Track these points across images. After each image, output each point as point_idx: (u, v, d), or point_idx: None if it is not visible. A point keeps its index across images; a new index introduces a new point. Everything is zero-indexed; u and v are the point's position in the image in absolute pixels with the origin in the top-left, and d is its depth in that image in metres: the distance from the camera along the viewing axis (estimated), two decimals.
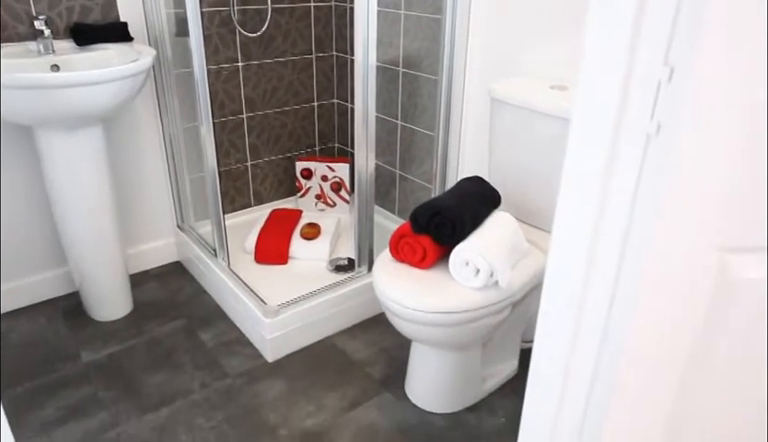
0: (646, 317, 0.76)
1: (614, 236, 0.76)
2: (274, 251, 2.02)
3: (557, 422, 0.92)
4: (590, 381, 0.86)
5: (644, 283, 0.74)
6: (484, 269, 1.28)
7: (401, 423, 1.50)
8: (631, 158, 0.73)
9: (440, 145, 1.91)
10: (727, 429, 0.87)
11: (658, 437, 0.86)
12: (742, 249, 0.74)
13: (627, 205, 0.74)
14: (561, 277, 0.84)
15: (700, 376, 0.81)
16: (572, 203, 0.80)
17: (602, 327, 0.81)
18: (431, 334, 1.35)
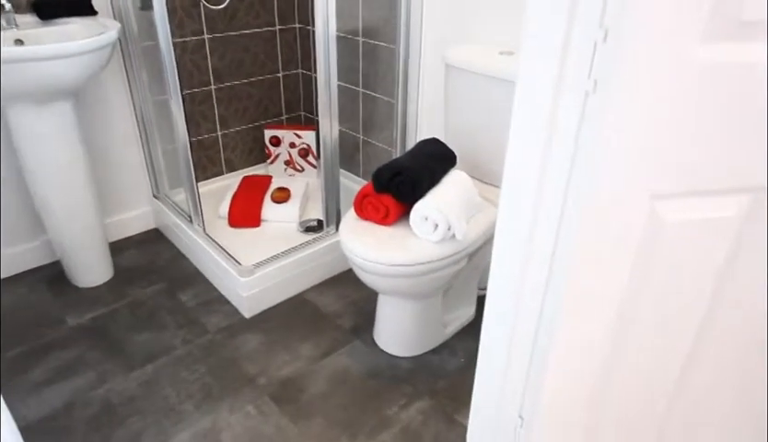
0: (587, 253, 0.77)
1: (558, 183, 0.77)
2: (247, 215, 1.98)
3: (511, 344, 0.94)
4: (539, 308, 0.88)
5: (584, 224, 0.74)
6: (442, 224, 1.29)
7: (370, 366, 1.52)
8: (571, 114, 0.73)
9: (400, 110, 1.89)
10: (662, 340, 0.91)
11: (603, 349, 0.89)
12: (670, 195, 0.75)
13: (568, 156, 0.75)
14: (512, 218, 0.85)
15: (635, 301, 0.84)
16: (519, 156, 0.80)
17: (549, 262, 0.82)
18: (395, 285, 1.36)
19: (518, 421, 0.98)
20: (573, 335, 0.84)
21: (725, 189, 0.76)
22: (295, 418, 1.36)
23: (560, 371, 0.88)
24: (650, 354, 0.90)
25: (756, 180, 0.76)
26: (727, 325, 0.89)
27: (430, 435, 1.32)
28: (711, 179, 0.75)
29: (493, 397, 1.00)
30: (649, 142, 0.70)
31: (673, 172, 0.73)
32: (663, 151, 0.71)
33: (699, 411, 0.99)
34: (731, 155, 0.73)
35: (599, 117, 0.69)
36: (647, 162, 0.72)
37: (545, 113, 0.74)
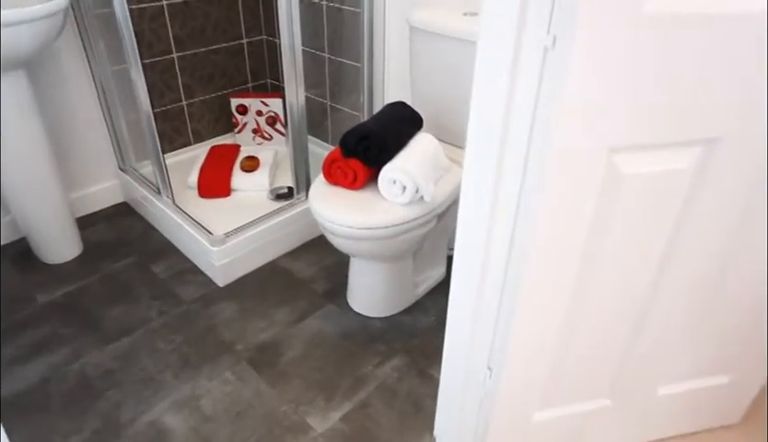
0: (550, 205, 0.78)
1: (520, 139, 0.76)
2: (217, 185, 1.94)
3: (479, 298, 0.95)
4: (506, 262, 0.89)
5: (546, 178, 0.75)
6: (410, 186, 1.28)
7: (344, 328, 1.53)
8: (532, 70, 0.72)
9: (366, 74, 1.85)
10: (622, 286, 0.93)
11: (567, 298, 0.91)
12: (626, 148, 0.76)
13: (530, 112, 0.74)
14: (477, 175, 0.84)
15: (597, 250, 0.85)
16: (482, 114, 0.79)
17: (513, 216, 0.83)
18: (365, 248, 1.36)
19: (487, 372, 1.01)
20: (538, 287, 0.86)
21: (678, 142, 0.77)
22: (273, 382, 1.37)
23: (526, 321, 0.90)
24: (611, 300, 0.92)
25: (707, 133, 0.77)
26: (681, 270, 0.92)
27: (404, 390, 1.35)
28: (664, 132, 0.75)
29: (462, 350, 1.02)
30: (605, 96, 0.70)
31: (629, 126, 0.73)
32: (619, 105, 0.71)
33: (655, 353, 1.03)
34: (683, 108, 0.74)
35: (558, 73, 0.68)
36: (604, 116, 0.72)
37: (506, 70, 0.73)
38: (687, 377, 1.12)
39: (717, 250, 0.91)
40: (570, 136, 0.72)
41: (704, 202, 0.84)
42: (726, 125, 0.77)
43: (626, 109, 0.72)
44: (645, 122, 0.74)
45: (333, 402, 1.32)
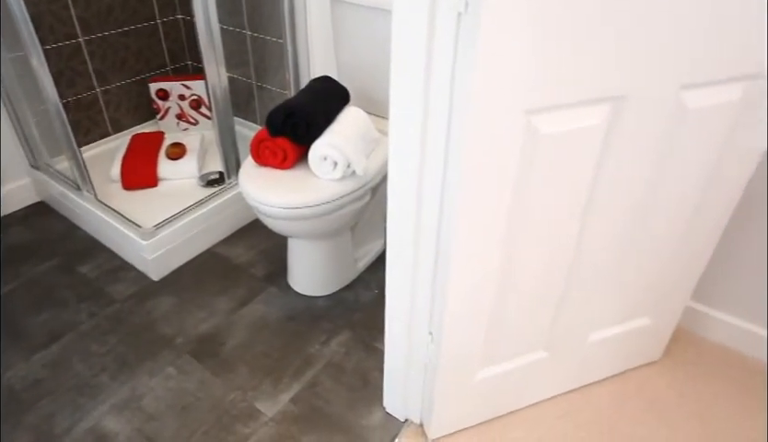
0: (474, 168, 0.78)
1: (441, 105, 0.76)
2: (142, 175, 1.84)
3: (415, 264, 0.96)
4: (437, 227, 0.89)
5: (469, 141, 0.75)
6: (341, 161, 1.26)
7: (288, 310, 1.51)
8: (447, 35, 0.71)
9: (290, 50, 1.79)
10: (548, 241, 0.96)
11: (498, 256, 0.93)
12: (542, 109, 0.77)
13: (448, 78, 0.74)
14: (402, 144, 0.84)
15: (522, 208, 0.87)
16: (402, 83, 0.78)
17: (441, 181, 0.83)
18: (301, 228, 1.33)
19: (429, 337, 1.02)
20: (470, 249, 0.87)
21: (588, 100, 0.79)
22: (217, 371, 1.34)
23: (461, 283, 0.91)
24: (540, 255, 0.95)
25: (614, 91, 0.80)
26: (602, 223, 0.96)
27: (352, 364, 1.35)
28: (576, 92, 0.77)
29: (403, 319, 1.03)
30: (518, 59, 0.71)
31: (543, 88, 0.75)
32: (532, 67, 0.72)
33: (584, 303, 1.09)
34: (591, 68, 0.76)
35: (472, 37, 0.68)
36: (519, 79, 0.72)
37: (423, 37, 0.72)
38: (614, 322, 1.18)
39: (634, 202, 0.95)
40: (488, 100, 0.72)
41: (618, 156, 0.87)
42: (630, 83, 0.80)
43: (539, 70, 0.73)
44: (557, 83, 0.75)
45: (282, 385, 1.30)
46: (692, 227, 1.07)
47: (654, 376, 1.32)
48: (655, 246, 1.06)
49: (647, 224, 1.01)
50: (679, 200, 1.01)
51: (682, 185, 0.98)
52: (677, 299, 1.22)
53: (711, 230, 1.11)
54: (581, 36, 0.72)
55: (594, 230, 0.96)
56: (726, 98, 0.89)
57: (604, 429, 1.20)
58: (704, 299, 1.38)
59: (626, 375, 1.32)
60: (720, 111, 0.90)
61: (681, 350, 1.38)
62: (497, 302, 0.98)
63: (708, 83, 0.86)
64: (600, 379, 1.30)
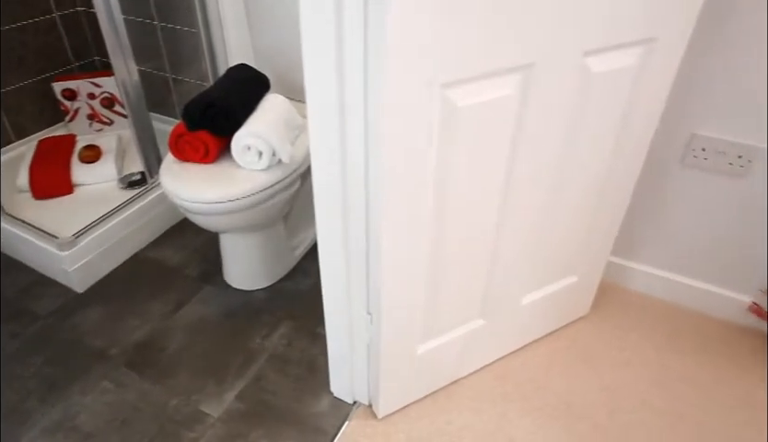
0: (396, 145, 0.78)
1: (356, 83, 0.76)
2: (53, 183, 1.71)
3: (347, 246, 0.96)
4: (364, 205, 0.90)
5: (387, 117, 0.75)
6: (266, 150, 1.23)
7: (226, 308, 1.47)
8: (356, 13, 0.70)
9: (204, 39, 1.71)
10: (475, 211, 0.98)
11: (428, 232, 0.94)
12: (456, 82, 0.78)
13: (361, 56, 0.73)
14: (322, 127, 0.83)
15: (446, 181, 0.88)
16: (315, 65, 0.77)
17: (363, 161, 0.83)
18: (232, 222, 1.30)
19: (368, 318, 1.03)
20: (399, 226, 0.88)
21: (500, 70, 0.81)
22: (157, 379, 1.29)
23: (393, 261, 0.92)
24: (469, 226, 0.98)
25: (523, 59, 0.82)
26: (524, 189, 0.99)
27: (296, 355, 1.34)
28: (487, 62, 0.79)
29: (341, 302, 1.03)
30: (429, 31, 0.71)
31: (456, 60, 0.76)
32: (443, 39, 0.73)
33: (515, 269, 1.13)
34: (500, 37, 0.77)
35: (380, 13, 0.67)
36: (432, 53, 0.73)
37: (331, 15, 0.71)
38: (543, 283, 1.24)
39: (551, 167, 0.99)
40: (403, 75, 0.72)
41: (533, 123, 0.90)
42: (537, 52, 0.82)
43: (450, 43, 0.74)
44: (469, 55, 0.77)
45: (226, 384, 1.27)
46: (605, 188, 1.13)
47: (584, 330, 1.40)
48: (573, 208, 1.12)
49: (565, 188, 1.06)
50: (592, 162, 1.06)
51: (594, 147, 1.03)
52: (599, 256, 1.29)
53: (623, 189, 1.17)
54: (488, 7, 0.73)
55: (517, 198, 0.99)
56: (626, 63, 0.94)
57: (541, 385, 1.26)
58: (623, 254, 1.47)
59: (559, 332, 1.39)
60: (621, 75, 0.95)
61: (607, 303, 1.47)
62: (431, 276, 1.00)
63: (609, 48, 0.90)
64: (536, 339, 1.36)
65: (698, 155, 1.23)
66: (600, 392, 1.25)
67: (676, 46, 0.98)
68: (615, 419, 1.19)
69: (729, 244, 1.32)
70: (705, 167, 1.24)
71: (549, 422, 1.18)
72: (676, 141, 1.25)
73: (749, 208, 1.25)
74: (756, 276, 1.33)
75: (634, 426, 1.18)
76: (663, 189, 1.32)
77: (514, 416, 1.19)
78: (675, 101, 1.20)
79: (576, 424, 1.18)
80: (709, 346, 1.36)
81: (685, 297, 1.45)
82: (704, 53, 1.13)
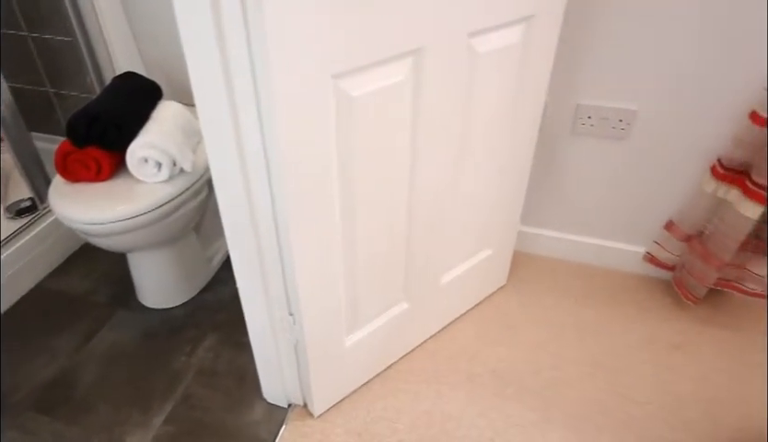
0: (294, 140, 0.77)
1: (245, 83, 0.74)
2: None
3: (259, 248, 0.94)
4: (270, 207, 0.88)
5: (282, 112, 0.74)
6: (165, 160, 1.18)
7: (143, 330, 1.40)
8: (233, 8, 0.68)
9: (85, 49, 1.60)
10: (383, 196, 0.99)
11: (337, 223, 0.94)
12: (347, 72, 0.79)
13: (245, 52, 0.71)
14: (214, 126, 0.80)
15: (349, 171, 0.88)
16: (200, 67, 0.74)
17: (263, 158, 0.81)
18: (137, 240, 1.23)
19: (290, 319, 1.02)
20: (308, 223, 0.87)
21: (391, 56, 0.82)
22: (73, 418, 1.20)
23: (307, 259, 0.91)
24: (380, 214, 0.99)
25: (411, 44, 0.84)
26: (430, 171, 1.02)
27: (224, 366, 1.30)
28: (377, 50, 0.80)
29: (261, 307, 1.01)
30: (313, 23, 0.70)
31: (345, 50, 0.76)
32: (329, 31, 0.72)
33: (431, 249, 1.16)
34: (388, 23, 0.78)
35: (259, 9, 0.66)
36: (319, 45, 0.72)
37: (208, 17, 0.69)
38: (461, 260, 1.28)
39: (453, 149, 1.03)
40: (291, 71, 0.72)
41: (430, 107, 0.93)
42: (424, 36, 0.84)
43: (336, 34, 0.73)
44: (357, 45, 0.77)
45: (152, 410, 1.21)
46: (506, 161, 1.19)
47: (504, 299, 1.47)
48: (478, 184, 1.16)
49: (469, 165, 1.10)
50: (490, 138, 1.11)
51: (491, 123, 1.08)
52: (509, 227, 1.36)
53: (522, 161, 1.24)
54: None
55: (423, 180, 1.02)
56: (509, 41, 0.99)
57: (470, 357, 1.31)
58: (531, 222, 1.56)
59: (482, 304, 1.45)
60: (506, 53, 1.00)
61: (522, 270, 1.55)
62: (348, 268, 1.00)
63: (491, 29, 0.94)
64: (461, 314, 1.41)
65: (585, 122, 1.32)
66: (525, 355, 1.32)
67: (552, 22, 1.04)
68: (540, 377, 1.27)
69: (621, 201, 1.44)
70: (593, 133, 1.33)
71: (481, 391, 1.23)
72: (565, 111, 1.33)
73: (633, 166, 1.36)
74: (648, 228, 1.45)
75: (557, 381, 1.26)
76: (559, 157, 1.41)
77: (447, 391, 1.23)
78: (560, 75, 1.27)
79: (506, 388, 1.24)
80: (616, 297, 1.47)
81: (590, 256, 1.56)
82: (580, 27, 1.21)
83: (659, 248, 1.45)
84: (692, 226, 1.35)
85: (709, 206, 1.30)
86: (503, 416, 1.18)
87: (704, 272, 1.33)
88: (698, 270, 1.34)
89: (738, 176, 1.23)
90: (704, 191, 1.29)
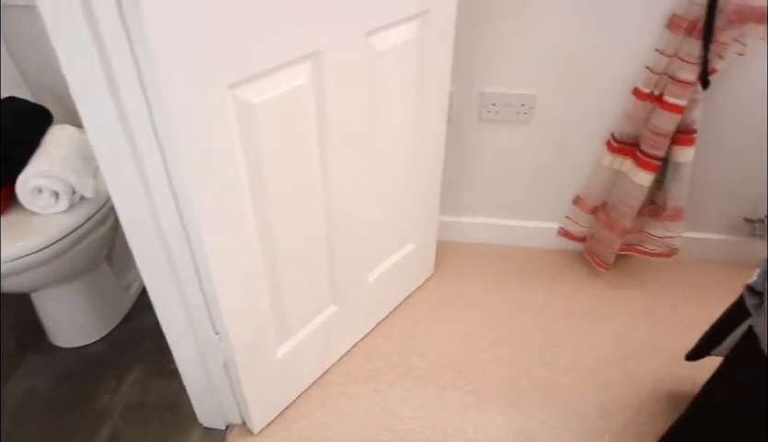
0: (197, 155, 0.75)
1: (136, 101, 0.71)
2: None
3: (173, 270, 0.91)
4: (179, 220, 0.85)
5: (176, 127, 0.71)
6: (62, 189, 1.10)
7: (59, 372, 1.30)
8: (112, 24, 0.65)
9: None
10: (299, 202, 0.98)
11: (253, 233, 0.92)
12: (245, 80, 0.77)
13: (133, 70, 0.68)
14: (107, 146, 0.76)
15: (260, 180, 0.87)
16: (84, 91, 0.70)
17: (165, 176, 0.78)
18: (41, 277, 1.14)
19: (216, 338, 0.99)
20: (223, 240, 0.85)
21: (289, 60, 0.82)
22: None
23: (226, 275, 0.89)
24: (298, 221, 0.98)
25: (309, 47, 0.83)
26: (344, 173, 1.02)
27: (153, 397, 1.24)
28: (275, 54, 0.79)
29: (183, 329, 0.97)
30: (203, 34, 0.69)
31: (239, 57, 0.74)
32: (220, 41, 0.71)
33: (355, 250, 1.16)
34: (284, 29, 0.78)
35: (140, 19, 0.63)
36: (209, 55, 0.71)
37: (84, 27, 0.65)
38: (385, 256, 1.30)
39: (363, 148, 1.04)
40: (183, 84, 0.69)
41: (336, 108, 0.93)
42: (321, 38, 0.84)
43: (230, 42, 0.72)
44: (253, 52, 0.76)
45: None
46: (418, 154, 1.22)
47: (433, 289, 1.50)
48: (394, 179, 1.18)
49: (382, 161, 1.11)
50: (400, 133, 1.13)
51: (399, 119, 1.10)
52: (429, 219, 1.39)
53: (434, 152, 1.27)
54: (260, 3, 0.73)
55: (337, 183, 1.02)
56: (406, 37, 1.01)
57: (405, 351, 1.33)
58: (451, 211, 1.61)
59: (412, 297, 1.48)
60: (406, 48, 1.02)
61: (448, 259, 1.59)
62: (270, 279, 0.98)
63: (387, 26, 0.96)
64: (392, 310, 1.43)
65: (491, 110, 1.38)
66: (458, 341, 1.35)
67: (447, 15, 1.08)
68: (474, 360, 1.31)
69: (532, 181, 1.51)
70: (498, 119, 1.40)
71: (418, 382, 1.26)
72: (471, 100, 1.38)
73: (539, 147, 1.44)
74: (559, 205, 1.54)
75: (491, 362, 1.30)
76: (470, 145, 1.46)
77: (385, 388, 1.25)
78: (463, 65, 1.32)
79: (442, 375, 1.27)
80: (537, 274, 1.55)
81: (510, 237, 1.63)
82: (477, 20, 1.26)
83: (571, 222, 1.54)
84: (596, 199, 1.45)
85: (608, 178, 1.40)
86: (442, 403, 1.21)
87: (610, 239, 1.43)
88: (605, 238, 1.44)
89: (629, 148, 1.33)
90: (603, 164, 1.39)
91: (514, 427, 1.17)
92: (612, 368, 1.29)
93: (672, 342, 1.34)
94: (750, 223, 1.48)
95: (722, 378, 0.95)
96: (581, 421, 1.18)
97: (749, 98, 1.28)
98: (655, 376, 1.27)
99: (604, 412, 1.20)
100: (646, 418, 1.18)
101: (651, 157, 1.27)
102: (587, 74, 1.30)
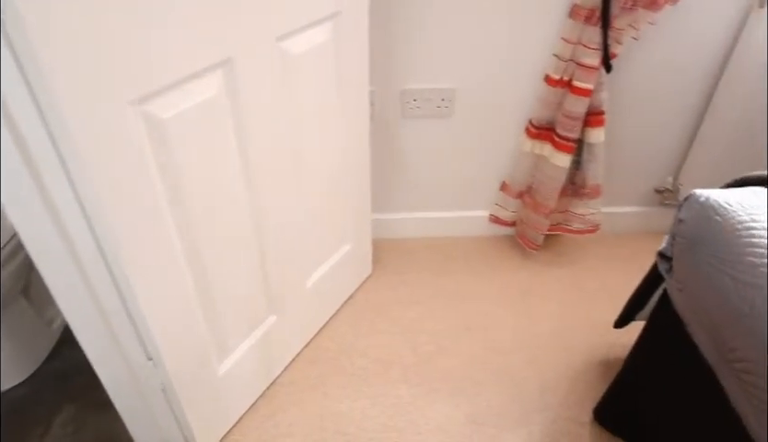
0: (108, 179, 0.72)
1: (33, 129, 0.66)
2: None
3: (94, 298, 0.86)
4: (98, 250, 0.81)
5: (87, 157, 0.68)
6: None
7: None
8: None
9: None
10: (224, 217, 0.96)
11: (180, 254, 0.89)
12: (151, 95, 0.74)
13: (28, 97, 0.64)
14: (6, 169, 0.71)
15: (181, 198, 0.84)
16: None
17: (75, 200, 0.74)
18: None
19: (149, 363, 0.95)
20: (148, 263, 0.81)
21: (198, 71, 0.79)
22: None
23: (153, 299, 0.85)
24: (224, 237, 0.95)
25: (217, 56, 0.81)
26: (266, 182, 1.01)
27: (89, 434, 1.17)
28: (180, 66, 0.76)
29: (113, 359, 0.92)
30: (103, 51, 0.65)
31: (141, 72, 0.71)
32: (121, 55, 0.68)
33: (289, 257, 1.15)
34: (189, 39, 0.75)
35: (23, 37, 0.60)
36: (110, 72, 0.67)
37: None
38: (321, 261, 1.29)
39: (286, 154, 1.03)
40: (81, 104, 0.66)
41: (253, 116, 0.91)
42: (231, 46, 0.83)
43: (132, 56, 0.69)
44: (158, 63, 0.73)
45: None
46: (343, 155, 1.22)
47: (372, 288, 1.51)
48: (321, 181, 1.18)
49: (306, 164, 1.10)
50: (323, 134, 1.12)
51: (320, 120, 1.10)
52: (362, 219, 1.40)
53: (359, 151, 1.28)
54: (161, 10, 0.70)
55: (264, 191, 1.00)
56: (320, 39, 1.01)
57: (350, 350, 1.33)
58: (382, 209, 1.62)
59: (353, 297, 1.48)
60: (321, 51, 1.02)
61: (384, 256, 1.61)
62: (203, 298, 0.95)
63: (299, 30, 0.95)
64: (334, 312, 1.43)
65: (412, 105, 1.40)
66: (401, 336, 1.37)
67: (359, 15, 1.08)
68: (419, 353, 1.33)
69: (459, 172, 1.55)
70: (420, 114, 1.42)
71: (366, 381, 1.26)
72: (392, 98, 1.40)
73: (462, 139, 1.48)
74: (487, 193, 1.59)
75: (434, 353, 1.33)
76: (395, 141, 1.48)
77: (334, 391, 1.24)
78: (382, 64, 1.33)
79: (389, 371, 1.28)
80: (471, 261, 1.59)
81: (443, 228, 1.66)
82: (391, 18, 1.27)
83: (499, 208, 1.59)
84: (521, 184, 1.51)
85: (530, 163, 1.46)
86: (392, 399, 1.22)
87: (537, 221, 1.49)
88: (533, 220, 1.51)
89: (547, 132, 1.39)
90: (524, 150, 1.44)
91: (463, 413, 1.20)
92: (551, 344, 1.35)
93: (603, 312, 1.42)
94: (659, 193, 1.60)
95: (645, 340, 1.01)
96: (526, 397, 1.23)
97: (647, 77, 1.38)
98: (589, 345, 1.34)
99: (546, 385, 1.25)
100: (584, 386, 1.25)
101: (567, 140, 1.34)
102: (502, 64, 1.35)
